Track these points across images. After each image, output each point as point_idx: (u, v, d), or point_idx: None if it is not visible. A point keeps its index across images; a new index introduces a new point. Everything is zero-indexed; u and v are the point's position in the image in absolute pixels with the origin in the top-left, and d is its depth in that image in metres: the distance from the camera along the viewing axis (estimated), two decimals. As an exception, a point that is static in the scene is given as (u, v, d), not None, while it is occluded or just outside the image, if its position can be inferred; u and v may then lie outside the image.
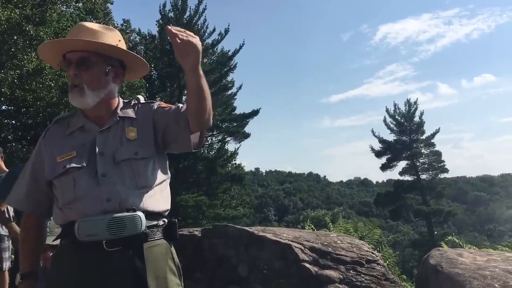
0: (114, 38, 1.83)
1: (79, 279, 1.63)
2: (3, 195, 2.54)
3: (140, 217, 1.66)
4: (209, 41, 26.38)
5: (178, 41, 1.57)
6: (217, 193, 25.81)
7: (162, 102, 1.94)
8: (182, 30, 1.61)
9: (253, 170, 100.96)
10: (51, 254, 2.64)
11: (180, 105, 1.86)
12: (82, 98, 1.75)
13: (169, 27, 1.61)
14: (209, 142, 26.36)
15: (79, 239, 1.63)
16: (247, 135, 26.49)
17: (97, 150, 1.75)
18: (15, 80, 13.33)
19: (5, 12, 12.32)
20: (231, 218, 24.17)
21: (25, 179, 1.85)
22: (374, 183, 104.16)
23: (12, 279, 5.41)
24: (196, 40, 1.59)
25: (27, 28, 12.58)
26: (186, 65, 1.62)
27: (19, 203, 1.89)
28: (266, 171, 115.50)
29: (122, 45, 1.85)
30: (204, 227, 4.11)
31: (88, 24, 1.82)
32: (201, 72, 1.66)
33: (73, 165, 1.72)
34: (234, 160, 27.01)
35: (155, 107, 1.89)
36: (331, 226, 10.13)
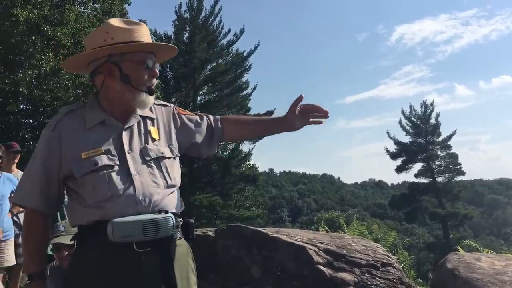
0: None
1: (109, 279, 1.59)
2: None
3: (172, 218, 1.65)
4: (224, 41, 26.52)
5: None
6: (231, 193, 25.87)
7: (178, 107, 1.97)
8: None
9: (267, 170, 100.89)
10: (67, 253, 2.66)
11: (208, 121, 1.96)
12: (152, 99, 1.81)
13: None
14: (224, 142, 26.38)
15: (112, 240, 1.58)
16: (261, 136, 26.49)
17: (125, 148, 1.71)
18: (33, 80, 13.52)
19: (24, 12, 12.50)
20: (244, 218, 24.19)
21: (34, 174, 1.74)
22: (389, 185, 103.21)
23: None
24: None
25: (45, 29, 12.75)
26: (293, 129, 1.93)
27: (28, 200, 1.76)
28: (280, 172, 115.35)
29: None
30: (218, 227, 4.10)
31: (144, 24, 1.83)
32: None
33: (106, 162, 1.66)
34: (248, 161, 27.10)
35: (176, 113, 1.92)
36: (346, 228, 10.06)
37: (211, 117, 2.02)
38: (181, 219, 1.79)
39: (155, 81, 1.80)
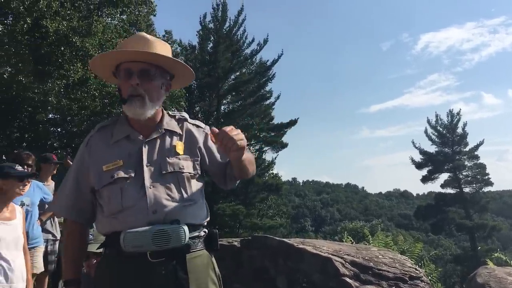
0: (169, 51, 1.85)
1: None
2: None
3: (184, 230, 1.67)
4: (248, 51, 26.62)
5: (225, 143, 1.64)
6: (254, 202, 25.81)
7: (210, 131, 1.77)
8: (228, 130, 1.64)
9: (290, 180, 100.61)
10: (95, 261, 2.69)
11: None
12: (142, 108, 1.75)
13: (215, 130, 1.66)
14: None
15: (124, 250, 1.64)
16: (284, 145, 26.44)
17: (144, 161, 1.76)
18: (62, 90, 13.81)
19: (53, 24, 12.82)
20: (267, 228, 24.09)
21: (68, 186, 1.85)
22: (414, 195, 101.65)
23: (54, 283, 5.56)
24: (243, 139, 1.64)
25: (74, 40, 13.03)
26: (232, 158, 1.71)
27: (62, 210, 1.89)
28: (303, 181, 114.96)
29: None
30: (243, 237, 4.09)
31: (148, 36, 1.84)
32: (246, 154, 1.74)
33: (121, 175, 1.72)
34: (272, 170, 27.02)
35: (205, 138, 1.92)
36: (370, 238, 9.92)
37: None
38: (204, 230, 1.81)
39: (139, 90, 1.75)
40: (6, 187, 3.16)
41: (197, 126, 1.95)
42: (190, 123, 1.94)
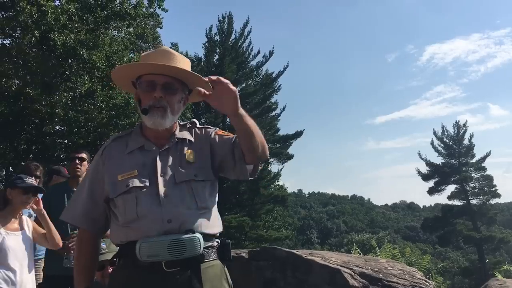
0: (189, 67, 1.88)
1: None
2: None
3: (199, 239, 1.67)
4: (253, 63, 26.77)
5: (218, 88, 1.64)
6: (260, 214, 25.75)
7: (219, 129, 1.97)
8: (215, 77, 1.67)
9: (296, 191, 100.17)
10: (111, 270, 2.68)
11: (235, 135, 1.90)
12: (163, 120, 1.77)
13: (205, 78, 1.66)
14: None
15: (140, 259, 1.64)
16: (290, 156, 26.46)
17: (158, 170, 1.77)
18: (69, 102, 13.91)
19: (61, 37, 12.96)
20: (273, 239, 23.98)
21: (82, 195, 1.87)
22: (421, 207, 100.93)
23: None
24: (231, 85, 1.65)
25: (81, 52, 13.15)
26: (227, 111, 1.67)
27: (75, 219, 1.90)
28: (309, 192, 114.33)
29: None
30: (252, 249, 4.07)
31: (172, 51, 1.87)
32: (243, 112, 1.69)
33: (136, 184, 1.73)
34: (277, 181, 26.98)
35: (213, 135, 1.91)
36: (378, 250, 9.86)
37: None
38: (217, 240, 1.82)
39: (162, 102, 1.77)
40: (12, 197, 3.16)
41: (207, 128, 1.96)
42: (198, 127, 1.96)
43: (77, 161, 4.09)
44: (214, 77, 1.66)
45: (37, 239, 3.32)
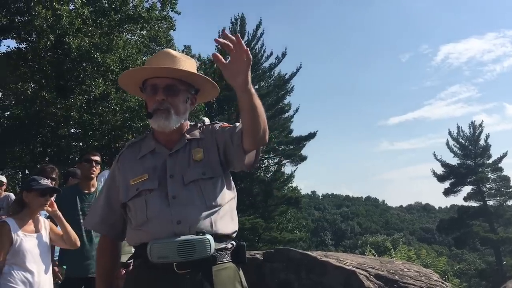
0: (194, 66, 1.88)
1: None
2: None
3: (209, 240, 1.66)
4: (266, 64, 26.77)
5: (234, 51, 1.50)
6: (273, 216, 25.70)
7: (224, 123, 1.96)
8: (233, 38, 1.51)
9: (309, 193, 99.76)
10: (124, 272, 2.69)
11: (237, 124, 1.84)
12: (167, 121, 1.78)
13: (219, 39, 1.52)
14: (266, 164, 26.45)
15: (151, 261, 1.66)
16: (303, 158, 26.36)
17: (167, 172, 1.78)
18: (83, 105, 14.05)
19: (76, 41, 13.10)
20: (287, 241, 23.93)
21: (100, 202, 1.93)
22: (437, 208, 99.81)
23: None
24: (248, 52, 1.51)
25: (95, 56, 13.28)
26: (237, 84, 1.55)
27: (95, 226, 1.97)
28: (322, 194, 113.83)
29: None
30: (266, 250, 4.05)
31: (173, 52, 1.87)
32: (252, 90, 1.59)
33: (145, 187, 1.76)
34: (291, 183, 26.95)
35: (217, 128, 1.90)
36: (393, 252, 9.78)
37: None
38: (232, 242, 1.80)
39: (165, 104, 1.77)
40: (28, 200, 3.18)
41: (214, 124, 1.95)
42: (207, 125, 1.95)
43: (93, 164, 4.13)
44: (233, 37, 1.51)
45: (54, 240, 3.35)
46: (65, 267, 3.85)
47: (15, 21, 14.09)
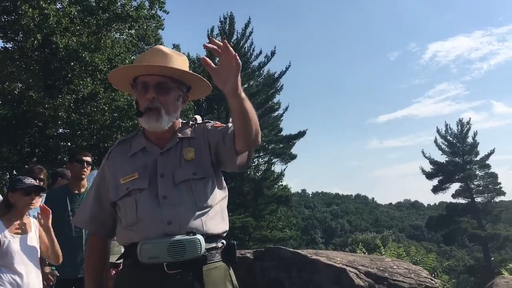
0: (186, 64, 1.87)
1: None
2: None
3: (199, 241, 1.66)
4: (255, 63, 26.77)
5: (224, 58, 1.48)
6: (264, 214, 25.74)
7: (217, 122, 1.94)
8: (221, 44, 1.49)
9: (299, 191, 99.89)
10: (114, 272, 2.67)
11: (230, 124, 1.83)
12: (158, 121, 1.75)
13: (207, 44, 1.51)
14: (256, 163, 26.45)
15: (141, 261, 1.65)
16: (293, 156, 26.42)
17: (158, 172, 1.76)
18: (71, 104, 13.94)
19: (63, 40, 13.00)
20: (277, 240, 23.97)
21: (90, 200, 1.90)
22: (425, 205, 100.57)
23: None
24: (237, 58, 1.48)
25: (83, 55, 13.19)
26: (227, 89, 1.52)
27: (84, 224, 1.95)
28: (312, 192, 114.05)
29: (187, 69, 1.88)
30: (256, 249, 4.05)
31: (165, 49, 1.85)
32: (243, 94, 1.57)
33: (136, 186, 1.74)
34: (281, 182, 27.00)
35: (209, 127, 1.88)
36: (382, 249, 9.82)
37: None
38: (222, 241, 1.79)
39: (155, 103, 1.75)
40: (14, 200, 3.15)
41: (206, 122, 1.93)
42: (198, 123, 1.94)
43: (85, 164, 4.10)
44: (221, 43, 1.49)
45: (42, 248, 3.30)
46: (53, 268, 3.82)
47: (1, 20, 13.94)
